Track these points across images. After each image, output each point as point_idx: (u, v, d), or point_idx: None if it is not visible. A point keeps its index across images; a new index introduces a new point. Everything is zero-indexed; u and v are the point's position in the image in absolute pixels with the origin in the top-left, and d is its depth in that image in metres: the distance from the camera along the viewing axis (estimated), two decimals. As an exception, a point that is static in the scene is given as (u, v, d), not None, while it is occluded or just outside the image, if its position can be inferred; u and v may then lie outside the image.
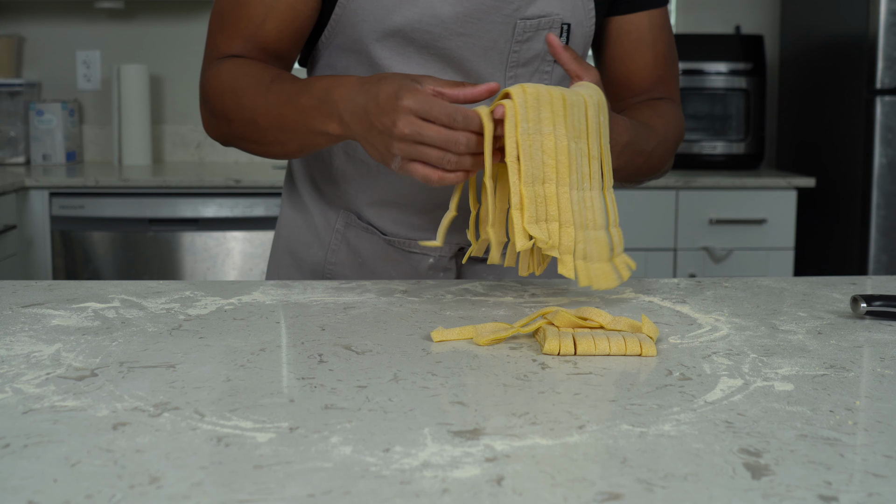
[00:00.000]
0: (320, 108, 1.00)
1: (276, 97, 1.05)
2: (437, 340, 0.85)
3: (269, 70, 1.08)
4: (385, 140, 0.93)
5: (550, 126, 0.92)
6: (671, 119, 1.20)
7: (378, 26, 1.08)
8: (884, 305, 0.94)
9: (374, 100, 0.94)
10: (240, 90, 1.08)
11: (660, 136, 1.16)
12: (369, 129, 0.95)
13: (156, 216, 2.86)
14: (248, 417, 0.65)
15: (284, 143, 1.07)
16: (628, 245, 2.99)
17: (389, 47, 1.09)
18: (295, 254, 1.27)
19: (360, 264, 1.22)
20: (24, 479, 0.55)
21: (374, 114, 0.93)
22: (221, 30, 1.13)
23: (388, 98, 0.93)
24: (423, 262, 1.22)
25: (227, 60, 1.11)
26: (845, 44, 2.99)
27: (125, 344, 0.84)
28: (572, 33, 1.13)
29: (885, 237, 2.89)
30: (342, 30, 1.11)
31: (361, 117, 0.96)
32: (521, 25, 1.10)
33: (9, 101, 3.26)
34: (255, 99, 1.06)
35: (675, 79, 1.26)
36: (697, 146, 3.20)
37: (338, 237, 1.22)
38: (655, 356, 0.81)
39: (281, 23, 1.11)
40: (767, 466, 0.57)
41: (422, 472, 0.56)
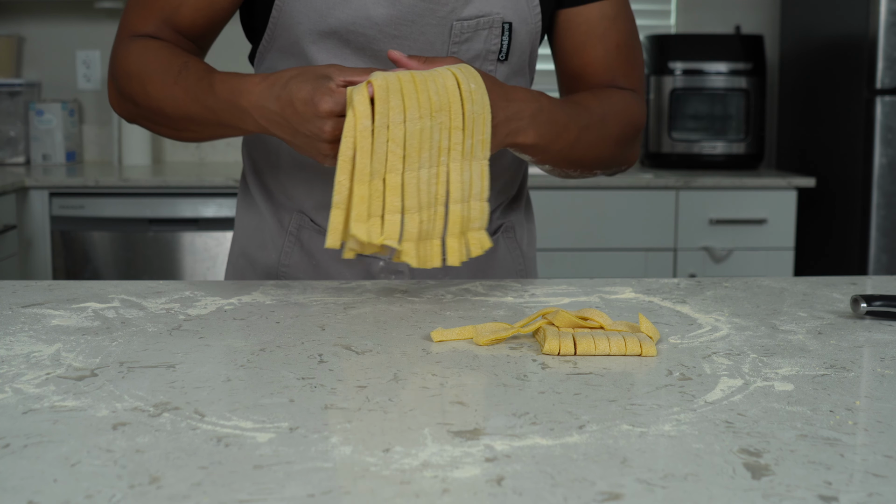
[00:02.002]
0: (231, 112, 1.01)
1: (183, 92, 1.05)
2: (437, 340, 0.85)
3: (178, 58, 1.08)
4: (313, 144, 0.95)
5: (400, 115, 0.90)
6: (615, 101, 1.16)
7: (313, 28, 1.08)
8: (884, 305, 0.94)
9: (291, 107, 0.94)
10: (146, 77, 1.08)
11: (594, 115, 1.11)
12: (294, 134, 0.96)
13: (156, 216, 2.86)
14: (248, 417, 0.65)
15: (196, 132, 1.08)
16: (629, 245, 2.99)
17: (326, 49, 1.09)
18: (249, 256, 1.26)
19: (314, 266, 1.21)
20: (24, 479, 0.55)
21: (297, 122, 0.94)
22: (137, 8, 1.13)
23: (306, 104, 0.93)
24: (375, 264, 1.21)
25: (139, 41, 1.11)
26: (845, 44, 2.99)
27: (125, 344, 0.84)
28: (515, 32, 1.12)
29: (885, 237, 2.89)
30: (280, 32, 1.11)
31: (282, 125, 0.96)
32: (457, 27, 1.09)
33: (9, 101, 3.26)
34: (162, 89, 1.06)
35: (634, 70, 1.21)
36: (697, 146, 3.20)
37: (291, 239, 1.22)
38: (655, 356, 0.81)
39: (196, 11, 1.11)
40: (767, 466, 0.57)
41: (422, 472, 0.56)
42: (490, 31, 1.10)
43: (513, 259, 1.28)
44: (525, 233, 1.32)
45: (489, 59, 1.12)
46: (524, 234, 1.31)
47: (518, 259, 1.29)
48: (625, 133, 1.16)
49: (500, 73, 1.14)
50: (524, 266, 1.30)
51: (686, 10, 3.53)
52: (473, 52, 1.11)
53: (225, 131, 1.05)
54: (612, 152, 1.16)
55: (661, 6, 3.54)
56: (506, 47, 1.12)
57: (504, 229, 1.27)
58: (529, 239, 1.33)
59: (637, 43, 1.22)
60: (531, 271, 1.32)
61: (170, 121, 1.08)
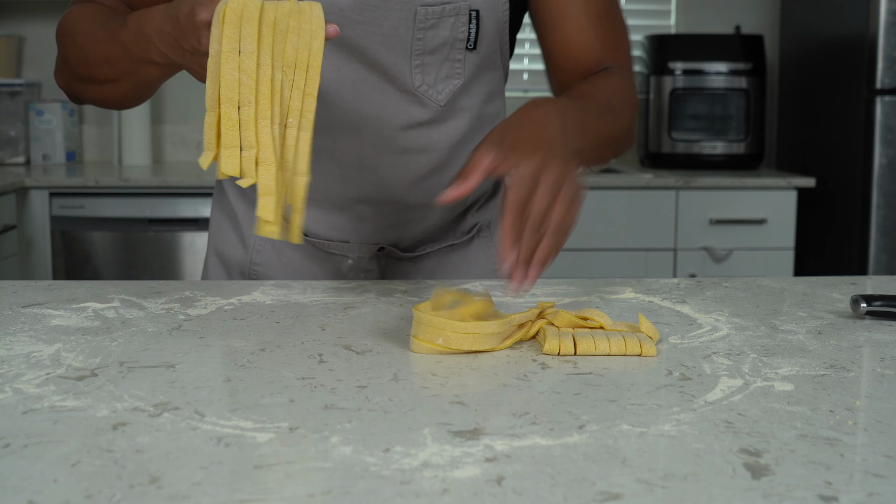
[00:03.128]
0: (138, 42, 0.98)
1: (103, 33, 1.04)
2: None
3: (108, 11, 1.08)
4: (198, 59, 0.91)
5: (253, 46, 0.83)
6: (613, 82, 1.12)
7: None
8: (884, 305, 0.94)
9: (176, 23, 0.91)
10: (77, 28, 1.09)
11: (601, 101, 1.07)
12: (182, 52, 0.92)
13: (156, 216, 2.86)
14: (248, 417, 0.65)
15: (116, 81, 1.06)
16: (629, 245, 2.99)
17: None
18: (222, 255, 1.26)
19: (286, 265, 1.21)
20: (24, 479, 0.55)
21: (180, 37, 0.91)
22: None
23: (187, 17, 0.90)
24: (343, 262, 1.21)
25: (79, 6, 1.12)
26: (845, 44, 2.99)
27: (125, 344, 0.84)
28: (482, 19, 1.10)
29: (885, 237, 2.89)
30: None
31: (171, 43, 0.93)
32: (422, 13, 1.07)
33: (9, 101, 3.26)
34: (87, 36, 1.06)
35: (616, 39, 1.18)
36: (697, 146, 3.20)
37: (262, 238, 1.21)
38: (655, 356, 0.81)
39: None
40: (767, 466, 0.57)
41: (422, 472, 0.56)
42: (457, 18, 1.09)
43: (487, 258, 1.27)
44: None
45: (457, 47, 1.10)
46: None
47: (493, 258, 1.28)
48: (628, 116, 1.14)
49: (470, 62, 1.12)
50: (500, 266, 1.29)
51: (686, 10, 3.53)
52: (440, 39, 1.09)
53: (139, 72, 1.02)
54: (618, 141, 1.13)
55: (661, 6, 3.54)
56: (474, 35, 1.10)
57: (479, 228, 1.26)
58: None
59: (617, 11, 1.18)
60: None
61: (91, 70, 1.07)
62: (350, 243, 1.19)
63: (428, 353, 0.81)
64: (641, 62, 3.35)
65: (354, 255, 1.20)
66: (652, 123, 3.23)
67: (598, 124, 1.04)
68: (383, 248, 1.21)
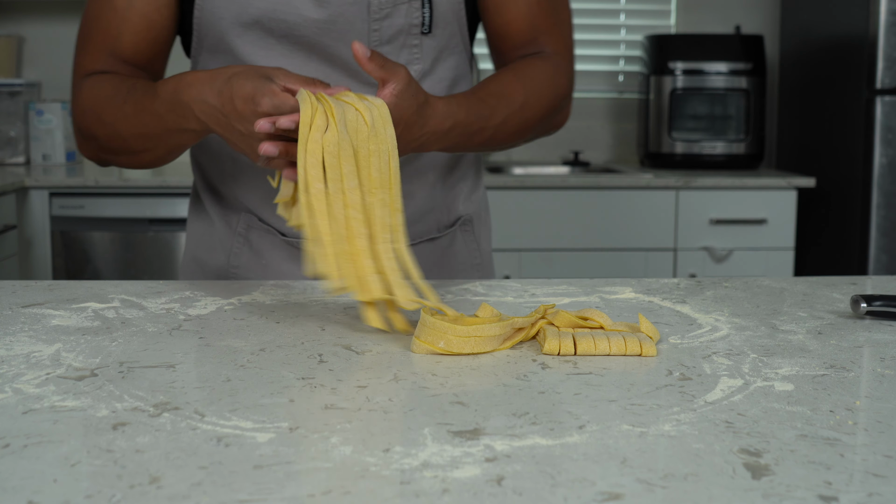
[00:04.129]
0: (175, 110, 1.01)
1: (132, 107, 1.05)
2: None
3: (126, 81, 1.09)
4: (249, 142, 0.95)
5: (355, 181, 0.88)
6: (539, 79, 1.15)
7: (236, 21, 1.09)
8: (884, 305, 0.94)
9: (231, 104, 0.94)
10: (99, 106, 1.09)
11: (515, 103, 1.11)
12: (230, 131, 0.96)
13: (156, 216, 2.86)
14: (248, 417, 0.65)
15: (152, 150, 1.08)
16: (629, 245, 3.00)
17: (251, 42, 1.10)
18: (199, 260, 1.26)
19: (264, 266, 1.21)
20: (24, 479, 0.55)
21: (235, 118, 0.94)
22: (83, 48, 1.15)
23: (246, 102, 0.93)
24: None
25: (89, 79, 1.12)
26: (845, 44, 2.99)
27: (125, 344, 0.84)
28: (435, 4, 1.12)
29: (885, 237, 2.89)
30: (206, 32, 1.12)
31: (220, 120, 0.96)
32: (375, 4, 1.09)
33: (9, 101, 3.26)
34: (114, 112, 1.08)
35: (559, 29, 1.20)
36: (697, 146, 3.20)
37: (240, 240, 1.21)
38: (655, 356, 0.81)
39: (136, 34, 1.12)
40: (767, 466, 0.57)
41: (422, 472, 0.56)
42: (409, 4, 1.10)
43: (469, 253, 1.28)
44: (483, 227, 1.31)
45: (412, 33, 1.12)
46: (482, 229, 1.30)
47: (475, 254, 1.28)
48: (548, 110, 1.17)
49: (428, 47, 1.14)
50: (481, 261, 1.30)
51: (686, 10, 3.53)
52: (395, 27, 1.11)
53: (174, 139, 1.05)
54: (533, 132, 1.17)
55: (661, 6, 3.54)
56: (428, 19, 1.12)
57: (462, 222, 1.27)
58: (486, 234, 1.32)
59: (563, 2, 1.21)
60: (487, 266, 1.31)
61: (125, 143, 1.09)
62: None
63: (428, 354, 0.81)
64: (641, 62, 3.35)
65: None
66: (652, 123, 3.23)
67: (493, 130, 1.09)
68: None
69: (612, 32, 3.54)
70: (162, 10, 1.12)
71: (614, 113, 3.56)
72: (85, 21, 1.15)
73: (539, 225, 2.96)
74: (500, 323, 0.82)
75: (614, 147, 3.57)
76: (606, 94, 3.55)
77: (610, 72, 3.55)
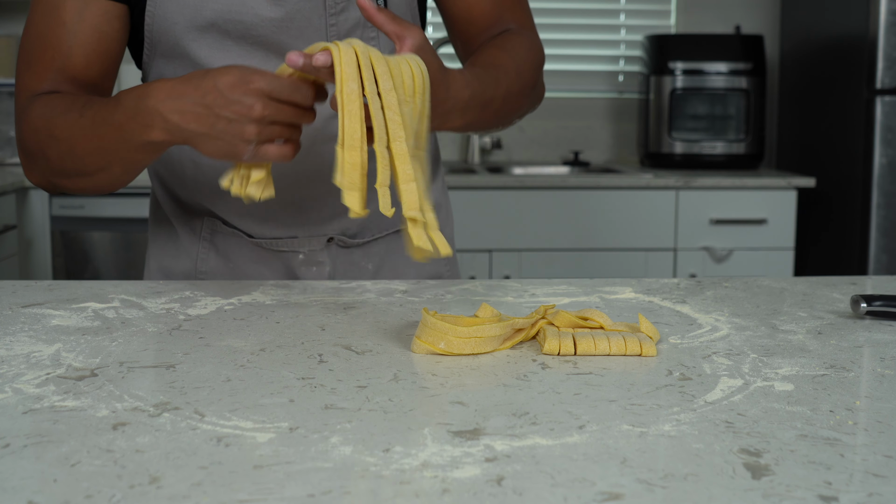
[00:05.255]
0: (136, 118, 0.96)
1: (89, 121, 1.00)
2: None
3: (80, 97, 1.05)
4: (238, 128, 0.91)
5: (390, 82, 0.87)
6: (521, 50, 1.15)
7: (190, 25, 1.07)
8: (884, 305, 0.94)
9: (215, 91, 0.91)
10: (51, 123, 1.04)
11: (511, 73, 1.11)
12: (214, 121, 0.92)
13: (156, 216, 2.86)
14: (248, 417, 0.65)
15: (107, 168, 1.03)
16: (629, 245, 3.00)
17: (208, 45, 1.08)
18: (165, 269, 1.24)
19: (232, 269, 1.20)
20: (24, 479, 0.55)
21: (221, 104, 0.91)
22: (29, 68, 1.09)
23: (234, 85, 0.91)
24: (294, 258, 1.20)
25: (39, 98, 1.07)
26: (845, 44, 2.99)
27: (125, 344, 0.84)
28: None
29: (885, 237, 2.89)
30: (158, 38, 1.09)
31: (200, 113, 0.92)
32: (330, 1, 1.09)
33: (9, 101, 3.26)
34: (70, 128, 1.02)
35: (518, 7, 1.21)
36: (697, 146, 3.20)
37: (205, 245, 1.20)
38: (655, 356, 0.81)
39: (87, 47, 1.08)
40: (767, 466, 0.57)
41: (422, 472, 0.56)
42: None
43: None
44: (443, 214, 1.30)
45: (369, 25, 1.11)
46: (443, 215, 1.30)
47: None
48: (534, 80, 1.17)
49: (383, 38, 1.13)
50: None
51: (686, 10, 3.53)
52: (352, 21, 1.11)
53: (132, 155, 1.00)
54: (527, 103, 1.17)
55: (661, 6, 3.54)
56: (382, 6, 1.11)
57: None
58: (447, 220, 1.32)
59: None
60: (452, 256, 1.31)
61: (79, 162, 1.03)
62: (299, 238, 1.18)
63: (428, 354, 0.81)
64: (641, 62, 3.36)
65: (305, 248, 1.19)
66: (652, 123, 3.23)
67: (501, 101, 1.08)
68: (332, 238, 1.20)
69: (612, 32, 3.54)
70: (113, 21, 1.08)
71: (614, 113, 3.56)
72: (29, 39, 1.09)
73: (539, 225, 2.96)
74: (500, 323, 0.82)
75: (614, 147, 3.57)
76: (606, 94, 3.55)
77: (610, 72, 3.55)
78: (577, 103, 3.51)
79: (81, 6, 1.07)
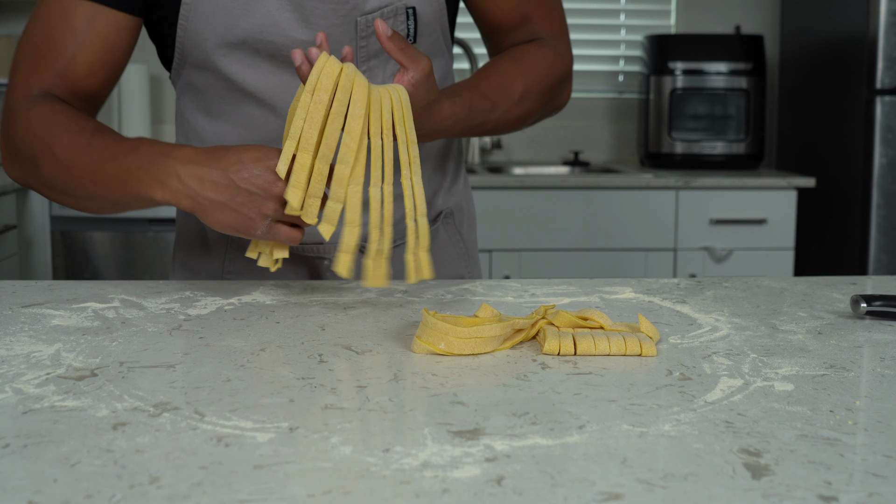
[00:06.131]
0: (150, 170, 0.96)
1: (97, 152, 1.00)
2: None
3: (90, 122, 1.04)
4: (258, 202, 0.93)
5: (363, 111, 0.91)
6: (540, 66, 1.16)
7: (221, 41, 1.07)
8: (884, 305, 0.94)
9: (239, 164, 0.93)
10: (53, 138, 1.02)
11: (513, 96, 1.12)
12: (234, 193, 0.93)
13: (156, 216, 2.86)
14: (248, 417, 0.65)
15: (96, 200, 1.02)
16: (629, 245, 3.00)
17: (238, 60, 1.08)
18: (192, 267, 1.24)
19: (258, 271, 1.20)
20: (24, 479, 0.55)
21: (244, 177, 0.93)
22: (28, 64, 1.08)
23: (259, 160, 0.93)
24: (320, 263, 1.20)
25: (42, 103, 1.05)
26: (845, 44, 2.99)
27: (125, 344, 0.84)
28: (420, 15, 1.11)
29: (885, 237, 2.89)
30: (190, 51, 1.09)
31: (220, 183, 0.93)
32: (362, 22, 1.08)
33: (9, 101, 3.26)
34: (73, 151, 1.01)
35: (551, 14, 1.21)
36: (697, 146, 3.20)
37: (233, 245, 1.20)
38: (655, 356, 0.81)
39: (93, 55, 1.07)
40: (767, 466, 0.57)
41: (422, 472, 0.56)
42: (395, 18, 1.09)
43: (454, 245, 1.28)
44: (465, 216, 1.31)
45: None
46: (464, 218, 1.30)
47: (459, 244, 1.28)
48: (547, 97, 1.18)
49: None
50: (465, 250, 1.30)
51: (686, 10, 3.53)
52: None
53: (127, 202, 1.00)
54: (534, 119, 1.19)
55: (661, 6, 3.54)
56: (413, 31, 1.11)
57: (444, 216, 1.27)
58: (470, 222, 1.32)
59: None
60: (472, 255, 1.31)
61: (72, 185, 1.02)
62: (325, 244, 1.19)
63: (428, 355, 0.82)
64: (641, 62, 3.35)
65: (331, 255, 1.20)
66: (652, 123, 3.23)
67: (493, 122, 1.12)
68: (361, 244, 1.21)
69: (612, 32, 3.54)
70: (122, 32, 1.08)
71: (614, 113, 3.56)
72: (33, 37, 1.08)
73: (539, 225, 2.96)
74: (500, 323, 0.82)
75: (614, 147, 3.57)
76: (606, 94, 3.55)
77: (610, 72, 3.55)
78: (577, 103, 3.51)
79: (92, 14, 1.06)
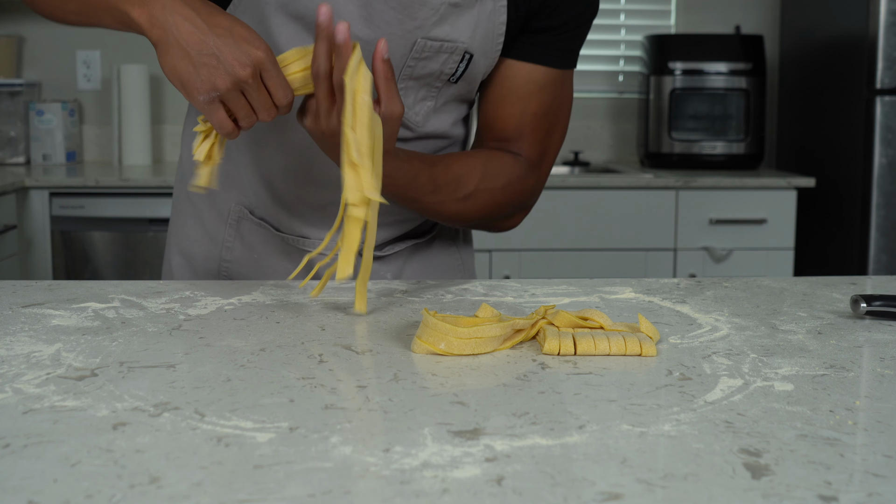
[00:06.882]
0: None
1: None
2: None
3: None
4: (216, 71, 0.90)
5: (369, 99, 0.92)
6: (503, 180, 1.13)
7: (281, 9, 1.05)
8: (884, 305, 0.94)
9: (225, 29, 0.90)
10: None
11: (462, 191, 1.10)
12: (201, 48, 0.90)
13: (156, 216, 2.86)
14: (248, 417, 0.65)
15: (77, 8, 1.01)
16: (629, 245, 3.00)
17: (290, 34, 1.06)
18: (189, 255, 1.24)
19: (256, 260, 1.20)
20: (24, 479, 0.55)
21: (220, 43, 0.90)
22: None
23: (243, 39, 0.90)
24: (318, 259, 1.19)
25: None
26: (845, 44, 2.99)
27: (125, 344, 0.84)
28: (474, 63, 1.10)
29: (885, 237, 2.89)
30: (247, 6, 1.08)
31: (195, 34, 0.90)
32: (420, 44, 1.06)
33: (9, 101, 3.26)
34: None
35: (544, 144, 1.17)
36: (697, 146, 3.20)
37: (231, 232, 1.20)
38: (655, 356, 0.81)
39: None
40: (767, 466, 0.57)
41: (422, 472, 0.56)
42: (451, 55, 1.08)
43: (449, 255, 1.28)
44: (459, 228, 1.30)
45: (441, 78, 1.10)
46: (458, 230, 1.30)
47: (455, 255, 1.28)
48: (493, 211, 1.15)
49: (446, 92, 1.12)
50: (461, 261, 1.30)
51: (686, 10, 3.53)
52: (429, 69, 1.09)
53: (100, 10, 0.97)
54: (469, 223, 1.16)
55: (661, 6, 3.54)
56: (460, 73, 1.10)
57: (439, 228, 1.27)
58: (465, 234, 1.32)
59: (561, 121, 1.18)
60: (468, 265, 1.31)
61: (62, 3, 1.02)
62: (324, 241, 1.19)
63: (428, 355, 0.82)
64: (641, 62, 3.35)
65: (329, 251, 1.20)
66: (652, 123, 3.23)
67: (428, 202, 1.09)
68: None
69: (612, 32, 3.54)
70: None
71: (614, 113, 3.56)
72: None
73: (539, 225, 2.96)
74: (500, 324, 0.82)
75: (614, 147, 3.57)
76: (606, 94, 3.55)
77: (610, 72, 3.55)
78: (576, 103, 3.51)
79: None
